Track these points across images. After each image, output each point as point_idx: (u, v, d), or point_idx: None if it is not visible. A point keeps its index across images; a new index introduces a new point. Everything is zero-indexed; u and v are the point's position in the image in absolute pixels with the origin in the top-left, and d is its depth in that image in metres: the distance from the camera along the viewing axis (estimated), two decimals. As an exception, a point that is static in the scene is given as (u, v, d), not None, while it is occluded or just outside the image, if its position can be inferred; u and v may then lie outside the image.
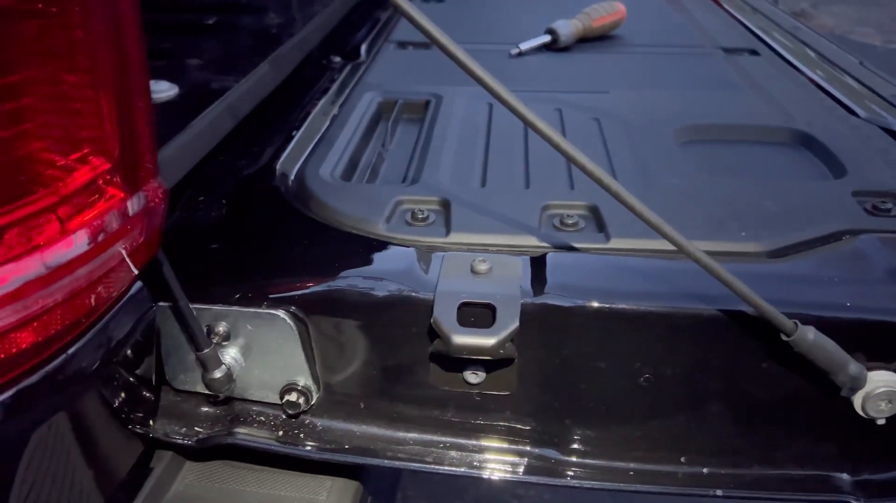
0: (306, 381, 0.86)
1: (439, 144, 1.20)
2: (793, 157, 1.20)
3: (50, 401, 0.66)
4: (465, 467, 0.87)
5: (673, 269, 0.86)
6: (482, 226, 0.95)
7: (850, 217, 0.97)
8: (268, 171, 1.09)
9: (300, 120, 1.27)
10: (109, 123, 0.64)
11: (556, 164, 1.12)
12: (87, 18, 0.61)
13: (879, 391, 0.79)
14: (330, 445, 0.88)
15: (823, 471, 0.85)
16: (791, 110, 1.33)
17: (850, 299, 0.82)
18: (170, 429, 0.87)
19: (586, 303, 0.82)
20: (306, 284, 0.86)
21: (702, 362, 0.84)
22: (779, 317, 0.75)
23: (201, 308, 0.84)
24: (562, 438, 0.87)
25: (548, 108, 1.33)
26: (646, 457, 0.87)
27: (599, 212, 0.97)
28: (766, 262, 0.90)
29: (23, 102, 0.58)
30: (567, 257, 0.90)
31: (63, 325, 0.63)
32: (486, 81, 0.73)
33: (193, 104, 1.11)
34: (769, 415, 0.85)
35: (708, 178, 1.10)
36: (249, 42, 1.51)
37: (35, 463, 0.65)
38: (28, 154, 0.59)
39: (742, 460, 0.86)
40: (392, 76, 1.55)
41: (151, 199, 0.72)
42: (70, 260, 0.62)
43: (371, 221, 0.96)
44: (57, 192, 0.61)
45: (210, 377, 0.82)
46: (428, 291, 0.83)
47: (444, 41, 0.69)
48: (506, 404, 0.87)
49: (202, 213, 0.98)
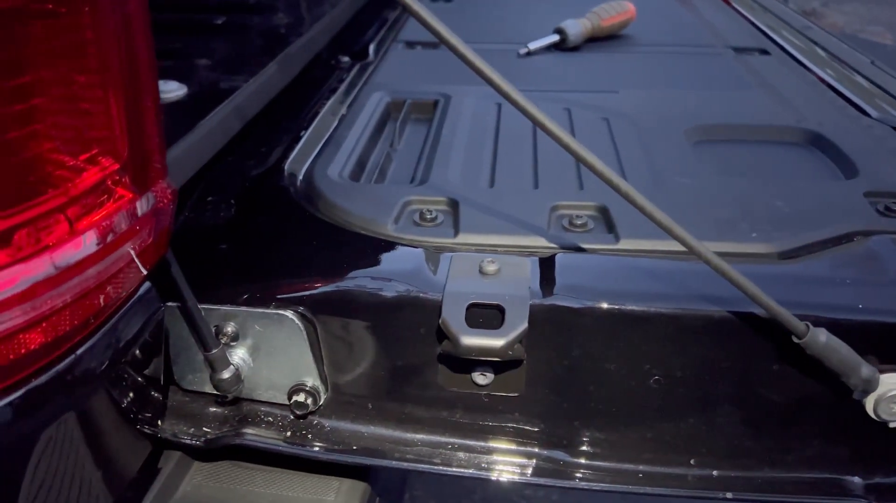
0: (314, 382, 0.86)
1: (448, 144, 1.20)
2: (804, 157, 1.20)
3: (59, 401, 0.66)
4: (473, 468, 0.86)
5: (683, 271, 0.86)
6: (491, 226, 0.95)
7: (861, 218, 0.96)
8: (276, 172, 1.09)
9: (308, 120, 1.27)
10: (118, 124, 0.64)
11: (565, 164, 1.12)
12: (96, 19, 0.61)
13: (892, 394, 0.78)
14: (338, 446, 0.87)
15: (835, 475, 0.85)
16: (802, 110, 1.32)
17: (863, 301, 0.81)
18: (178, 429, 0.87)
19: (595, 304, 0.82)
20: (314, 285, 0.86)
21: (712, 364, 0.83)
22: (790, 318, 0.74)
23: (210, 308, 0.84)
24: (570, 440, 0.87)
25: (557, 108, 1.32)
26: (655, 459, 0.86)
27: (609, 212, 0.97)
28: (778, 264, 0.89)
29: (33, 103, 0.58)
30: (576, 258, 0.90)
31: (72, 326, 0.63)
32: (495, 81, 0.73)
33: (202, 104, 1.11)
34: (780, 417, 0.84)
35: (718, 179, 1.09)
36: (258, 42, 1.52)
37: (44, 462, 0.65)
38: (38, 155, 0.59)
39: (752, 463, 0.86)
40: (400, 76, 1.55)
41: (160, 200, 0.72)
42: (79, 260, 0.62)
43: (379, 222, 0.96)
44: (66, 193, 0.61)
45: (218, 377, 0.82)
46: (436, 292, 0.82)
47: (453, 41, 0.69)
48: (514, 406, 0.86)
49: (211, 213, 0.98)
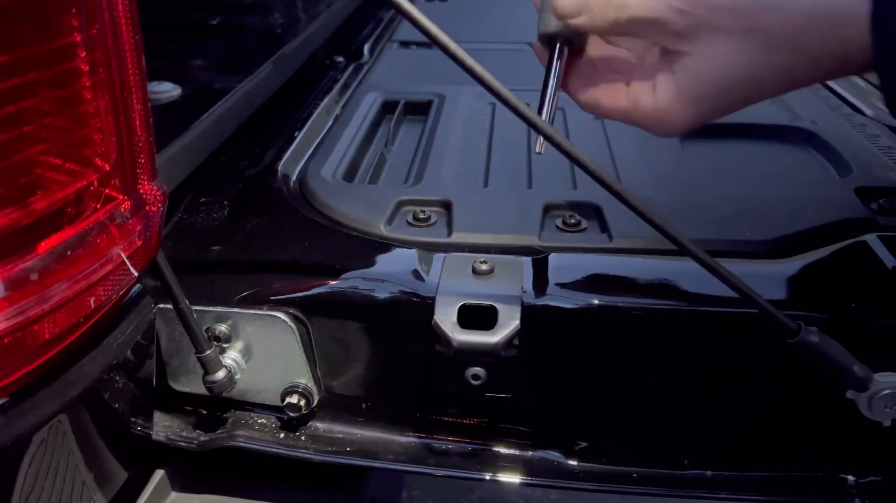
0: (307, 383, 0.86)
1: (442, 144, 1.19)
2: (797, 155, 1.19)
3: (49, 405, 0.66)
4: (467, 470, 0.86)
5: (676, 270, 0.86)
6: (484, 226, 0.95)
7: (855, 216, 0.96)
8: (270, 172, 1.09)
9: (302, 120, 1.26)
10: (107, 126, 0.64)
11: (558, 163, 1.12)
12: (84, 21, 0.61)
13: (885, 393, 0.78)
14: (332, 447, 0.87)
15: (828, 474, 0.85)
16: (796, 108, 1.32)
17: (856, 299, 0.81)
18: (170, 431, 0.87)
19: (589, 303, 0.82)
20: (307, 286, 0.86)
21: (705, 364, 0.83)
22: (783, 317, 0.74)
23: (202, 310, 0.84)
24: (564, 440, 0.87)
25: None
26: (648, 459, 0.86)
27: (602, 212, 0.97)
28: (770, 262, 0.89)
29: (22, 105, 0.58)
30: (569, 258, 0.89)
31: (62, 329, 0.63)
32: (487, 80, 0.72)
33: (196, 105, 1.11)
34: (773, 417, 0.84)
35: (711, 177, 1.09)
36: (253, 42, 1.51)
37: (34, 467, 0.65)
38: (26, 157, 0.59)
39: (746, 463, 0.85)
40: (395, 76, 1.54)
41: (151, 201, 0.71)
42: (68, 262, 0.62)
43: (372, 222, 0.96)
44: (54, 195, 0.61)
45: (211, 379, 0.82)
46: (429, 292, 0.82)
47: (442, 39, 0.68)
48: (508, 406, 0.86)
49: (203, 214, 0.98)
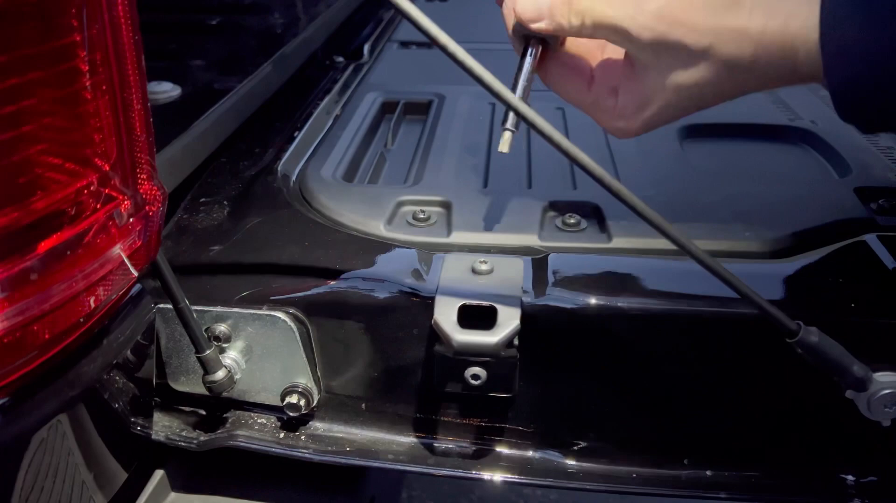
0: (307, 383, 0.86)
1: (441, 144, 1.20)
2: (797, 155, 1.20)
3: (49, 405, 0.66)
4: (467, 469, 0.86)
5: (676, 270, 0.86)
6: (484, 226, 0.95)
7: (854, 216, 0.96)
8: (269, 172, 1.09)
9: (302, 120, 1.26)
10: (107, 126, 0.64)
11: (558, 163, 1.12)
12: (84, 21, 0.61)
13: (885, 393, 0.78)
14: (332, 447, 0.87)
15: (828, 474, 0.85)
16: (795, 108, 1.32)
17: (855, 299, 0.81)
18: (170, 431, 0.87)
19: (588, 303, 0.82)
20: (307, 286, 0.86)
21: (704, 364, 0.83)
22: (782, 317, 0.74)
23: (202, 309, 0.84)
24: (564, 440, 0.87)
25: (550, 107, 1.32)
26: (648, 459, 0.86)
27: (602, 212, 0.97)
28: (770, 262, 0.89)
29: (21, 105, 0.58)
30: (569, 258, 0.89)
31: (62, 329, 0.63)
32: (487, 80, 0.72)
33: (196, 105, 1.11)
34: (772, 417, 0.84)
35: (711, 177, 1.09)
36: (253, 42, 1.51)
37: (34, 467, 0.65)
38: (25, 157, 0.59)
39: (745, 463, 0.86)
40: (395, 76, 1.55)
41: (150, 201, 0.71)
42: (68, 263, 0.62)
43: (372, 222, 0.96)
44: (54, 195, 0.61)
45: (211, 379, 0.82)
46: (429, 292, 0.82)
47: (442, 39, 0.68)
48: (507, 406, 0.86)
49: (203, 214, 0.98)
